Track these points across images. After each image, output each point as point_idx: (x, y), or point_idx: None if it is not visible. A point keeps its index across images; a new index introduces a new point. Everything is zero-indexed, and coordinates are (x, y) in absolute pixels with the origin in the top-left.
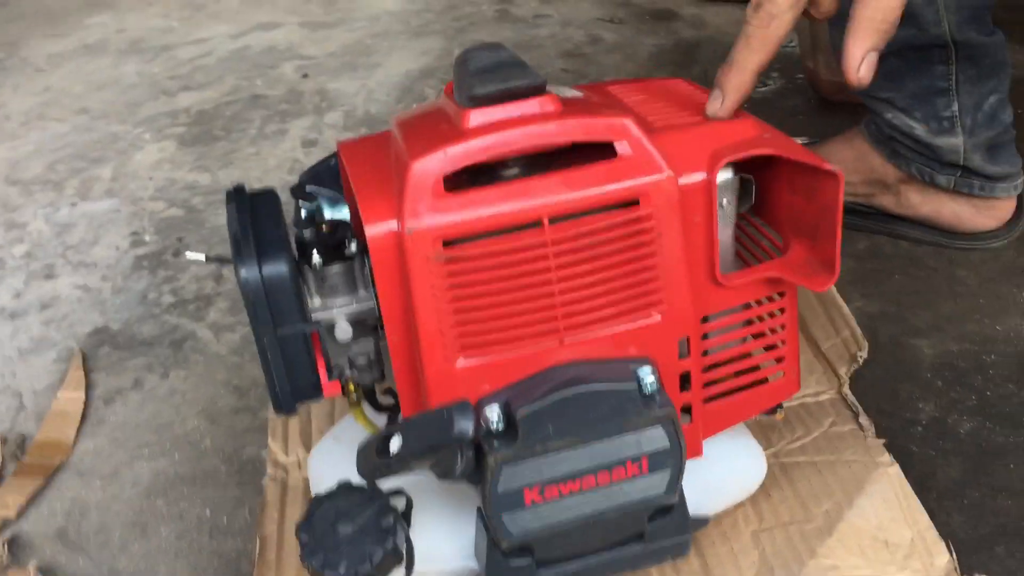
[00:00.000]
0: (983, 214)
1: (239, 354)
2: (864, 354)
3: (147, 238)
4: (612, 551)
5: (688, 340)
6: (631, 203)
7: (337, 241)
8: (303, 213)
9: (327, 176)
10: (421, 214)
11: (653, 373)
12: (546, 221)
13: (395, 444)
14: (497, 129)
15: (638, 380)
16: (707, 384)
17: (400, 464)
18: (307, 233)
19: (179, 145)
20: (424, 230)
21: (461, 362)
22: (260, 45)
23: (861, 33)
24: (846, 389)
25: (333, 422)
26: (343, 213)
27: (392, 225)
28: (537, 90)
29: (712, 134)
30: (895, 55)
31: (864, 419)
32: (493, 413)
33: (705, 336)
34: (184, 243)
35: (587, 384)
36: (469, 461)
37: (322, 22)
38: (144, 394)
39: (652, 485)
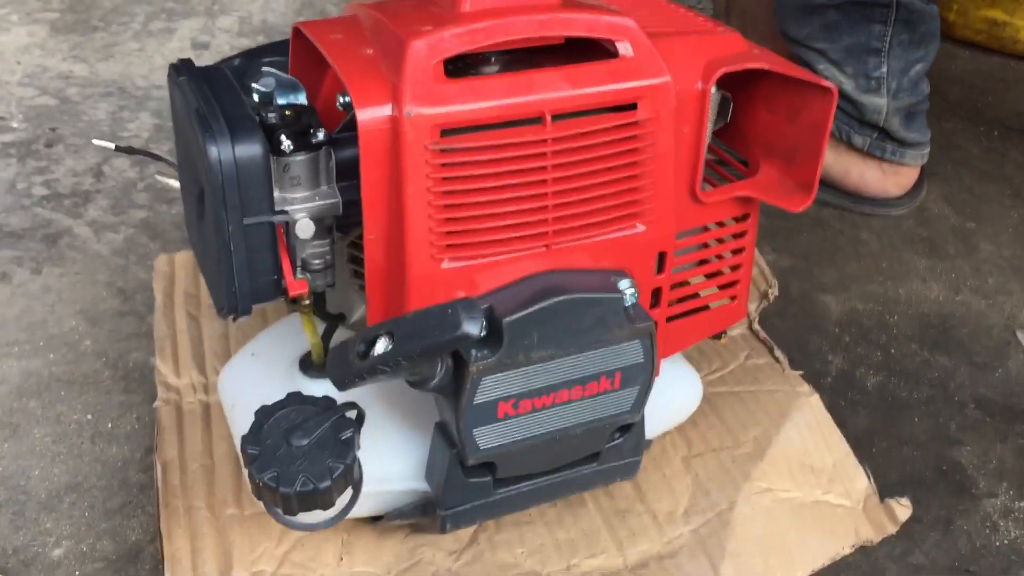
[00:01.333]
0: (888, 180)
1: (123, 256)
2: (775, 291)
3: (15, 124)
4: (566, 471)
5: (664, 255)
6: (629, 107)
7: (303, 128)
8: (255, 96)
9: None
10: (421, 99)
11: (633, 285)
12: (548, 117)
13: (382, 346)
14: (497, 15)
15: (620, 292)
16: (671, 303)
17: (386, 367)
18: (272, 116)
19: (51, 32)
20: (424, 115)
21: (446, 264)
22: None
23: None
24: (756, 325)
25: (229, 344)
26: (298, 100)
27: (386, 110)
28: None
29: (706, 44)
30: (836, 8)
31: (779, 352)
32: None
33: (676, 253)
34: (58, 134)
35: (572, 293)
36: (449, 370)
37: None
38: (13, 289)
39: (620, 401)
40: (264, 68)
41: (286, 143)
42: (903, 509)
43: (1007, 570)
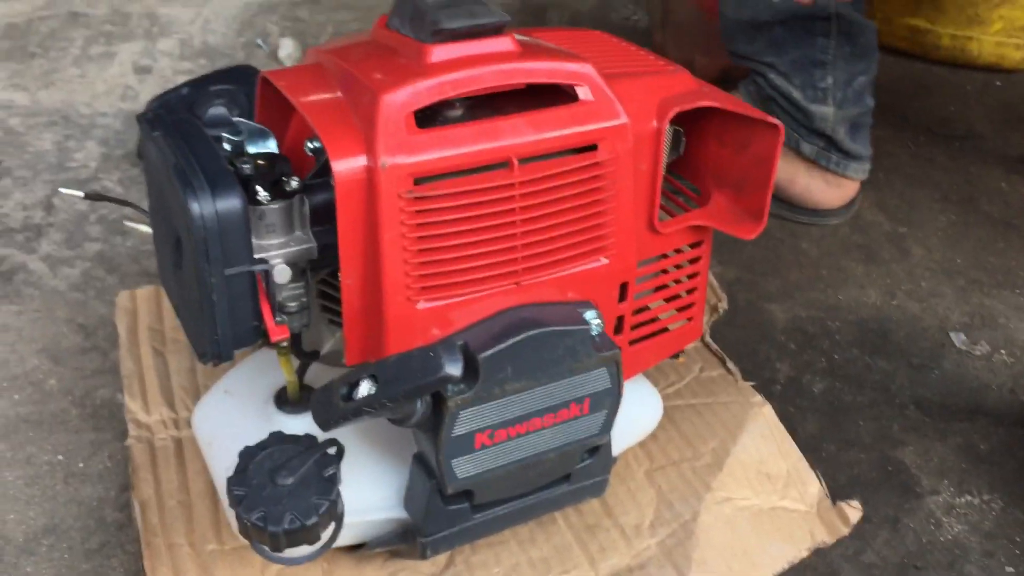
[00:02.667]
0: (831, 191)
1: (81, 290)
2: (725, 305)
3: None
4: (540, 493)
5: (626, 285)
6: (589, 148)
7: (277, 176)
8: (226, 146)
9: (179, 107)
10: (395, 149)
11: (598, 316)
12: (515, 161)
13: (365, 388)
14: (464, 66)
15: (586, 323)
16: (633, 327)
17: (370, 409)
18: (246, 166)
19: None
20: (398, 166)
21: (422, 304)
22: None
23: None
24: (708, 338)
25: (197, 378)
26: (268, 147)
27: (361, 161)
28: (500, 28)
29: (658, 85)
30: (781, 24)
31: (731, 364)
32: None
33: (636, 281)
34: (3, 167)
35: (542, 326)
36: (428, 407)
37: None
38: None
39: (590, 425)
40: (219, 102)
41: (262, 193)
42: (854, 511)
43: (952, 564)
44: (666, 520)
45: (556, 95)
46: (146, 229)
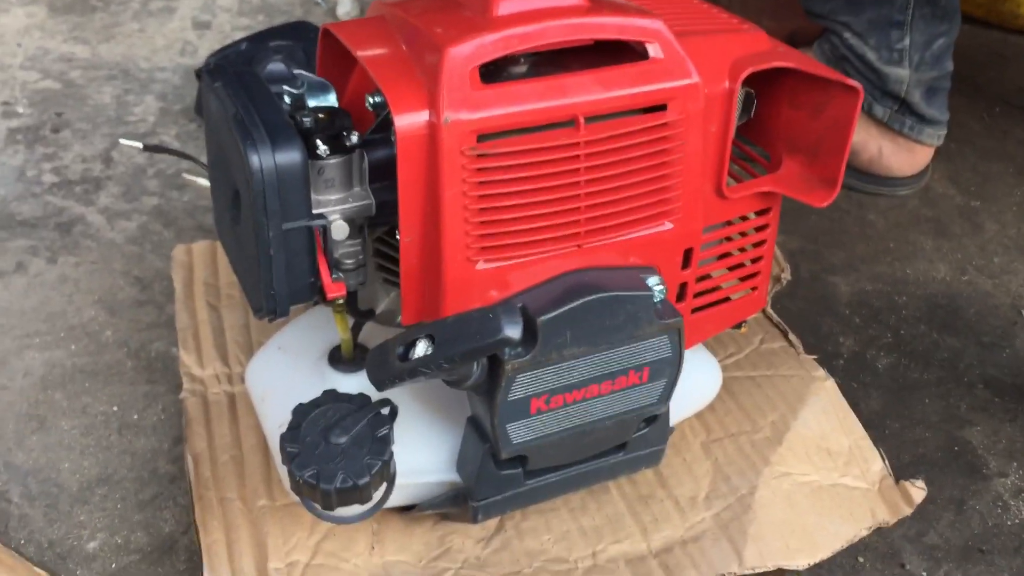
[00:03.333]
0: (903, 156)
1: (137, 244)
2: (788, 276)
3: (20, 110)
4: (594, 461)
5: (691, 251)
6: (658, 108)
7: (337, 131)
8: (286, 99)
9: (237, 62)
10: (458, 105)
11: (661, 282)
12: (581, 120)
13: (422, 349)
14: (531, 20)
15: (649, 289)
16: (695, 295)
17: (426, 370)
18: (307, 120)
19: (50, 12)
20: (462, 122)
21: (481, 265)
22: None
23: None
24: (770, 309)
25: (250, 334)
26: (328, 101)
27: (424, 116)
28: None
29: (732, 44)
30: None
31: (793, 337)
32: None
33: (700, 248)
34: (64, 119)
35: (604, 291)
36: (484, 369)
37: None
38: (30, 279)
39: (648, 394)
40: (277, 58)
41: (322, 147)
42: (918, 491)
43: (1019, 549)
44: (722, 493)
45: (625, 52)
46: (204, 183)
